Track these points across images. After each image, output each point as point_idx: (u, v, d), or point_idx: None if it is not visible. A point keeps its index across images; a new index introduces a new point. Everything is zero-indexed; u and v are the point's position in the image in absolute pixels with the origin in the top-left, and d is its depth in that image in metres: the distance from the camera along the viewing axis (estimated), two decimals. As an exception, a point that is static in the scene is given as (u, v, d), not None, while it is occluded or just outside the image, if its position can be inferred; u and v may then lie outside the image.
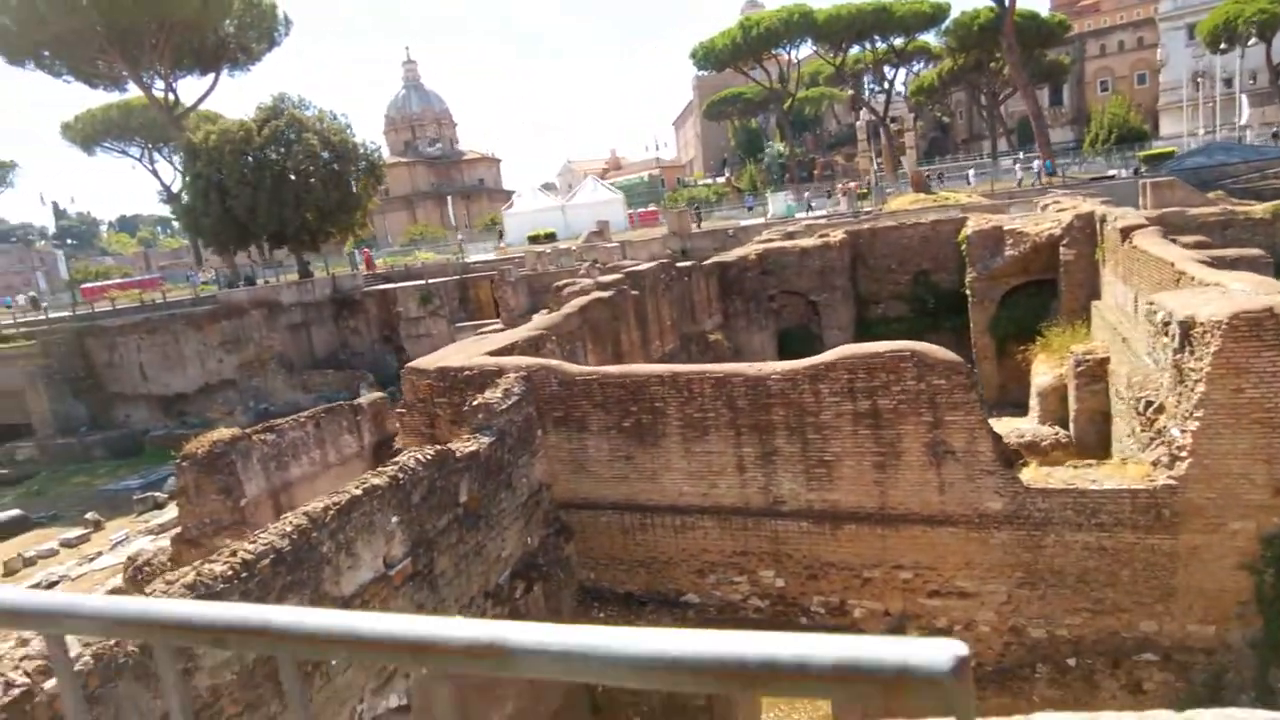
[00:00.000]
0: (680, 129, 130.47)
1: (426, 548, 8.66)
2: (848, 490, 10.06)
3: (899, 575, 10.08)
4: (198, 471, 15.28)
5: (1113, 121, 64.15)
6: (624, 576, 11.39)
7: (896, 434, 9.71)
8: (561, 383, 11.25)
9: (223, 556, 6.41)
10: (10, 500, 29.01)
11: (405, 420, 12.65)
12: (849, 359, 9.76)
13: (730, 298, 23.96)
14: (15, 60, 41.48)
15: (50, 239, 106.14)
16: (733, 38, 62.21)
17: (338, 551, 7.31)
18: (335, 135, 36.69)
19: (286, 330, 35.09)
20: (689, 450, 10.63)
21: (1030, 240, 22.77)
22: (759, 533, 10.53)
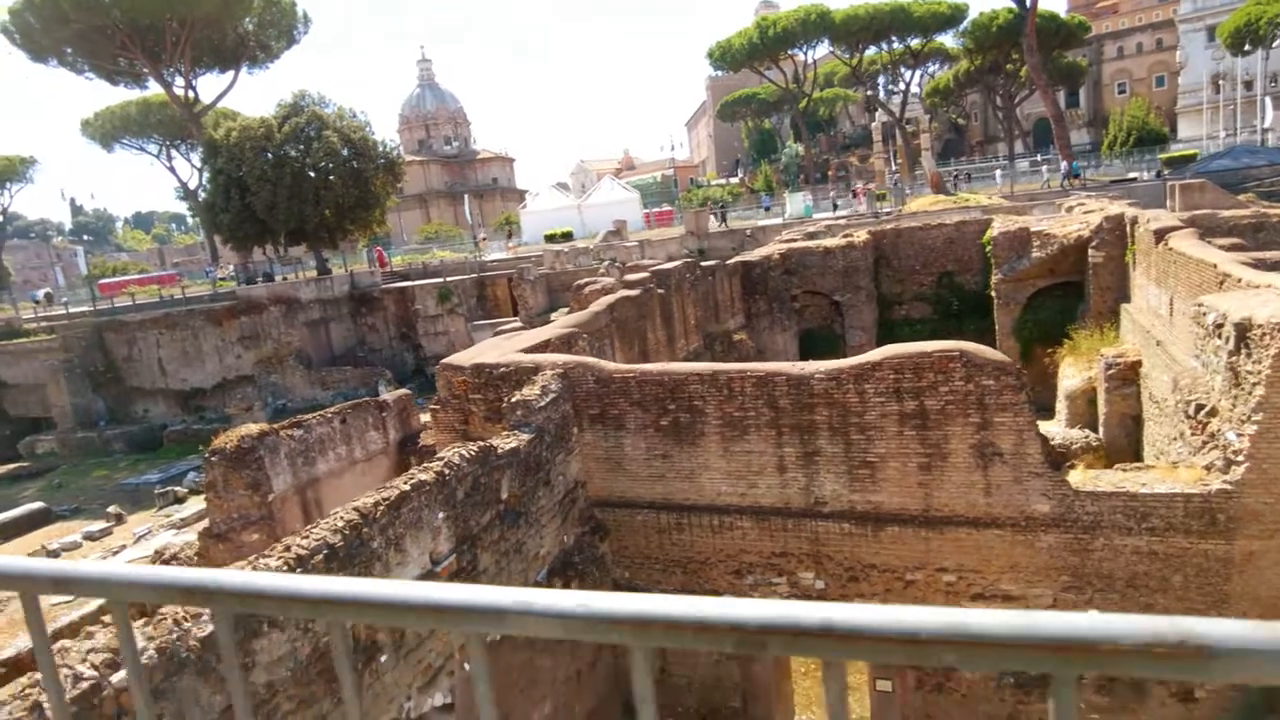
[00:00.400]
0: (693, 129, 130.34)
1: (470, 544, 8.59)
2: (892, 492, 9.93)
3: (942, 578, 9.95)
4: (226, 466, 15.29)
5: (1132, 124, 63.66)
6: (659, 576, 11.29)
7: (943, 435, 9.58)
8: (598, 380, 11.16)
9: (276, 551, 6.35)
10: (32, 493, 29.17)
11: (439, 416, 12.60)
12: (895, 358, 9.63)
13: (753, 297, 23.84)
14: (39, 57, 41.79)
15: (67, 235, 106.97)
16: (749, 38, 62.05)
17: (387, 547, 7.24)
18: (355, 133, 36.76)
19: (305, 327, 35.17)
20: (728, 450, 10.52)
21: (1058, 242, 22.55)
22: (799, 534, 10.42)
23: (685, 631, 0.86)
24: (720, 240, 39.84)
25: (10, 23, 39.83)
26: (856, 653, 0.82)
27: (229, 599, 1.08)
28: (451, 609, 0.96)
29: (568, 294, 35.64)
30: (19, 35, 40.14)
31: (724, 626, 0.85)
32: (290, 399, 34.29)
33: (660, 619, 0.86)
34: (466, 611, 0.95)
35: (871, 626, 0.80)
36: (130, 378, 37.40)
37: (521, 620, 0.93)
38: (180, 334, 36.61)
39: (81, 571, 1.21)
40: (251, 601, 1.08)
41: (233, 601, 1.08)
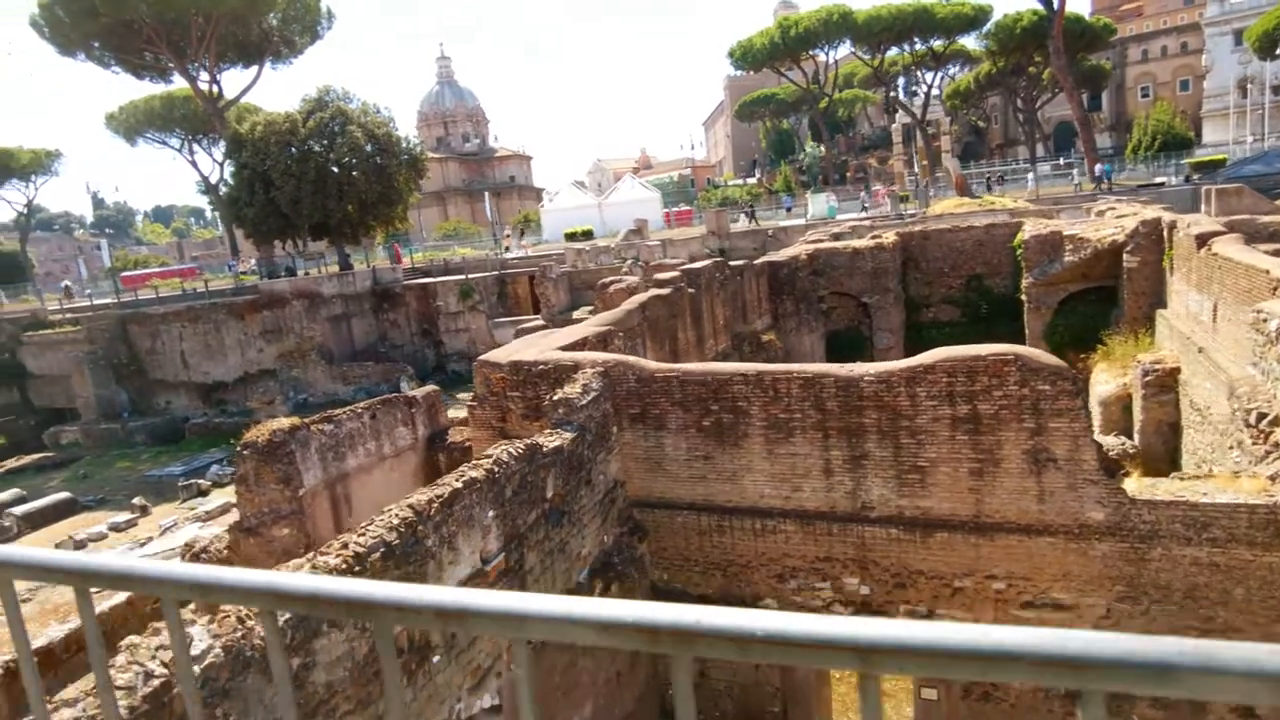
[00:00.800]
0: (710, 129, 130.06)
1: (518, 543, 8.49)
2: (941, 497, 9.75)
3: (991, 585, 9.76)
4: (258, 460, 15.26)
5: (1157, 128, 62.92)
6: (698, 579, 11.16)
7: (996, 440, 9.39)
8: (639, 379, 11.04)
9: (334, 549, 6.26)
10: (58, 483, 29.38)
11: (476, 413, 12.51)
12: (948, 361, 9.45)
13: (780, 298, 23.65)
14: (67, 51, 42.11)
15: (88, 228, 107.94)
16: (771, 37, 61.79)
17: (441, 546, 7.14)
18: (379, 128, 36.82)
19: (327, 322, 35.26)
20: (772, 452, 10.37)
21: (1091, 246, 22.24)
22: (844, 538, 10.25)
23: (725, 644, 0.89)
24: (742, 240, 39.66)
25: (40, 16, 40.14)
26: (886, 666, 0.84)
27: (275, 599, 1.09)
28: (500, 615, 0.99)
29: (590, 292, 35.57)
30: (48, 29, 40.47)
31: (761, 639, 0.87)
32: (311, 393, 34.37)
33: (702, 630, 0.89)
34: (515, 618, 0.98)
35: (897, 641, 0.82)
36: (153, 370, 37.62)
37: (565, 628, 0.96)
38: (203, 327, 36.79)
39: (138, 569, 1.24)
40: (307, 604, 1.09)
41: (294, 604, 1.10)
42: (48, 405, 37.30)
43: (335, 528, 16.55)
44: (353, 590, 1.08)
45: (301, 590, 1.10)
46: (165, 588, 1.22)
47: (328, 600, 1.10)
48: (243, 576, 1.16)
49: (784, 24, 61.41)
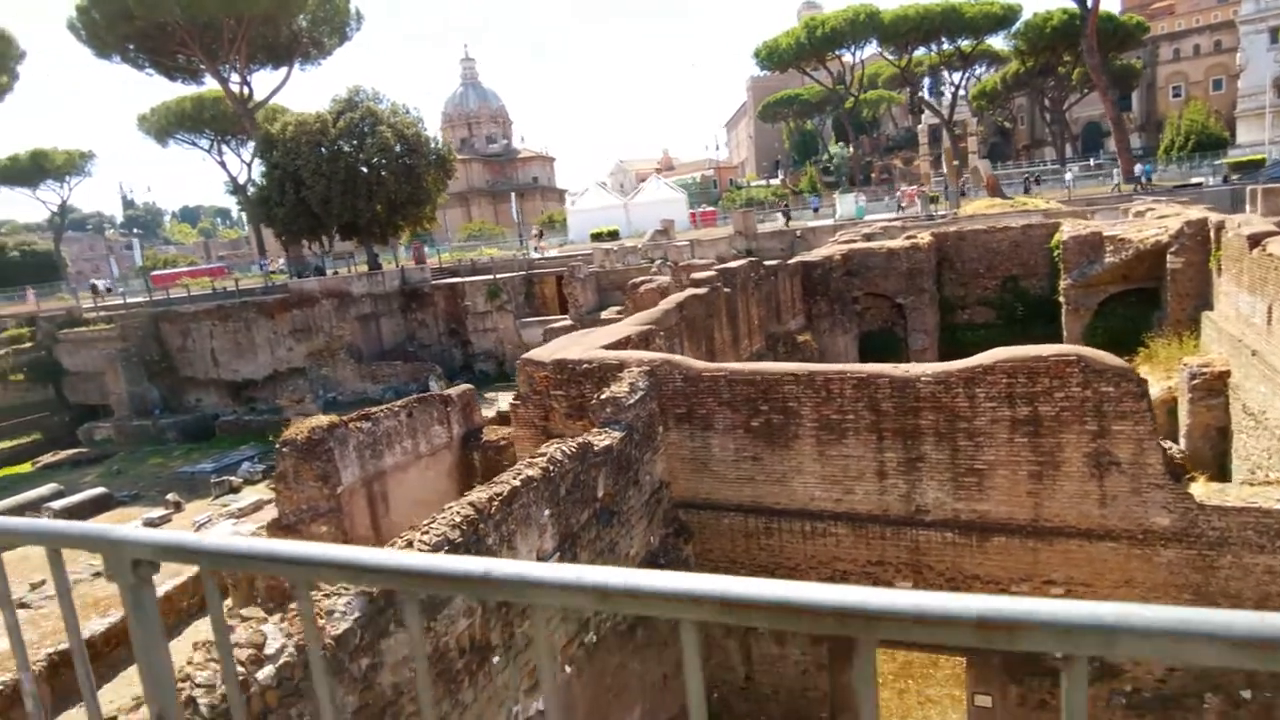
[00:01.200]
0: (733, 130, 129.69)
1: (571, 542, 8.39)
2: (999, 500, 9.54)
3: (1049, 591, 9.52)
4: (297, 457, 15.32)
5: (1191, 128, 61.88)
6: (745, 581, 10.99)
7: (1056, 443, 9.17)
8: (686, 379, 10.91)
9: (399, 547, 6.19)
10: (93, 479, 29.76)
11: (519, 412, 12.44)
12: (1008, 362, 9.24)
13: (814, 298, 23.43)
14: (103, 54, 42.73)
15: (118, 228, 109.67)
16: (797, 37, 61.46)
17: (500, 544, 7.06)
18: (408, 129, 36.98)
19: (356, 321, 35.46)
20: (823, 453, 10.20)
21: (1133, 247, 21.82)
22: (897, 542, 10.07)
23: (728, 609, 0.94)
24: (769, 241, 39.41)
25: (77, 19, 40.78)
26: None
27: (414, 580, 1.08)
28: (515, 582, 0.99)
29: (617, 293, 35.52)
30: (85, 32, 41.09)
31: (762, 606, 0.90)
32: (340, 392, 34.57)
33: (706, 596, 0.95)
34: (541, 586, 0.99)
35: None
36: (184, 368, 38.05)
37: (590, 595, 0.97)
38: (233, 325, 37.15)
39: (276, 550, 1.21)
40: (434, 584, 1.08)
41: (418, 583, 1.09)
42: (82, 402, 37.83)
43: (372, 526, 16.60)
44: (511, 572, 1.03)
45: (443, 570, 1.07)
46: (296, 569, 1.17)
47: (464, 579, 1.06)
48: (380, 557, 1.12)
49: (810, 24, 61.04)
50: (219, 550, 1.25)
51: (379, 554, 1.13)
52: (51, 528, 1.42)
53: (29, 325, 38.27)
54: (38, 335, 37.70)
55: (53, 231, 70.68)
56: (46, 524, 1.42)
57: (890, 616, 0.84)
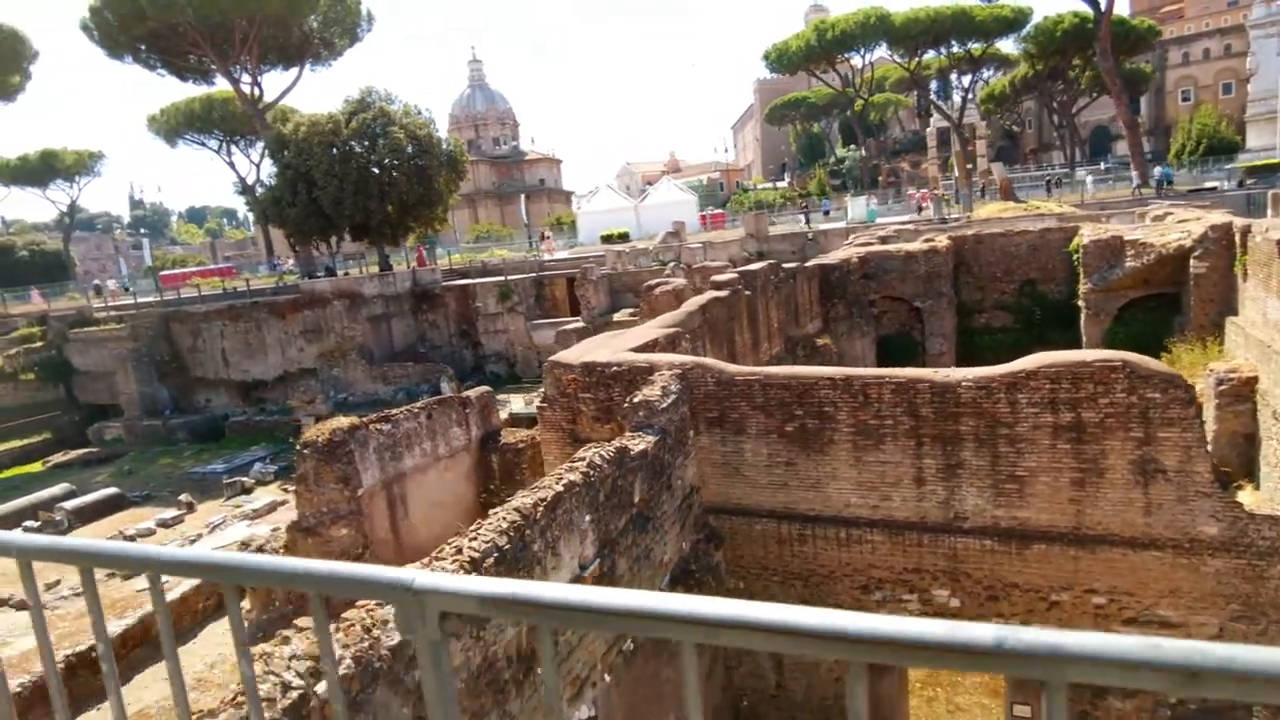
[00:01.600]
0: (739, 132, 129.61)
1: (610, 549, 8.26)
2: (1040, 507, 9.39)
3: (1091, 600, 9.37)
4: (318, 459, 15.21)
5: (1202, 131, 61.68)
6: (777, 589, 10.86)
7: (1100, 449, 9.02)
8: (719, 382, 10.78)
9: (449, 555, 6.06)
10: (104, 479, 29.68)
11: (546, 415, 12.31)
12: (1052, 367, 9.09)
13: (831, 301, 23.28)
14: (115, 54, 42.75)
15: (125, 228, 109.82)
16: (807, 40, 61.38)
17: (546, 551, 6.93)
18: (420, 130, 36.92)
19: (367, 322, 35.39)
20: (860, 459, 10.06)
21: (1155, 251, 21.64)
22: (935, 549, 9.91)
23: (725, 631, 0.94)
24: (780, 243, 39.26)
25: (90, 20, 40.78)
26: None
27: (553, 613, 1.07)
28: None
29: (630, 295, 35.40)
30: (98, 32, 41.09)
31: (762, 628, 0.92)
32: (351, 393, 34.49)
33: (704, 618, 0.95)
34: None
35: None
36: (194, 368, 38.01)
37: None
38: (243, 326, 37.09)
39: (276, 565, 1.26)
40: (567, 616, 1.07)
41: (554, 616, 1.08)
42: (92, 401, 37.79)
43: (391, 529, 16.48)
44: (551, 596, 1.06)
45: (496, 593, 1.08)
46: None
47: (505, 602, 1.09)
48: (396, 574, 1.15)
49: (820, 26, 60.95)
50: (236, 566, 1.28)
51: (514, 585, 1.12)
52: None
53: (40, 324, 38.25)
54: (48, 334, 37.68)
55: (61, 231, 70.74)
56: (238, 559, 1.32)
57: (878, 641, 0.87)
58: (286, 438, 33.91)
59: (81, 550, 1.43)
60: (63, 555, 1.46)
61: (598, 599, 1.04)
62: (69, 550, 1.45)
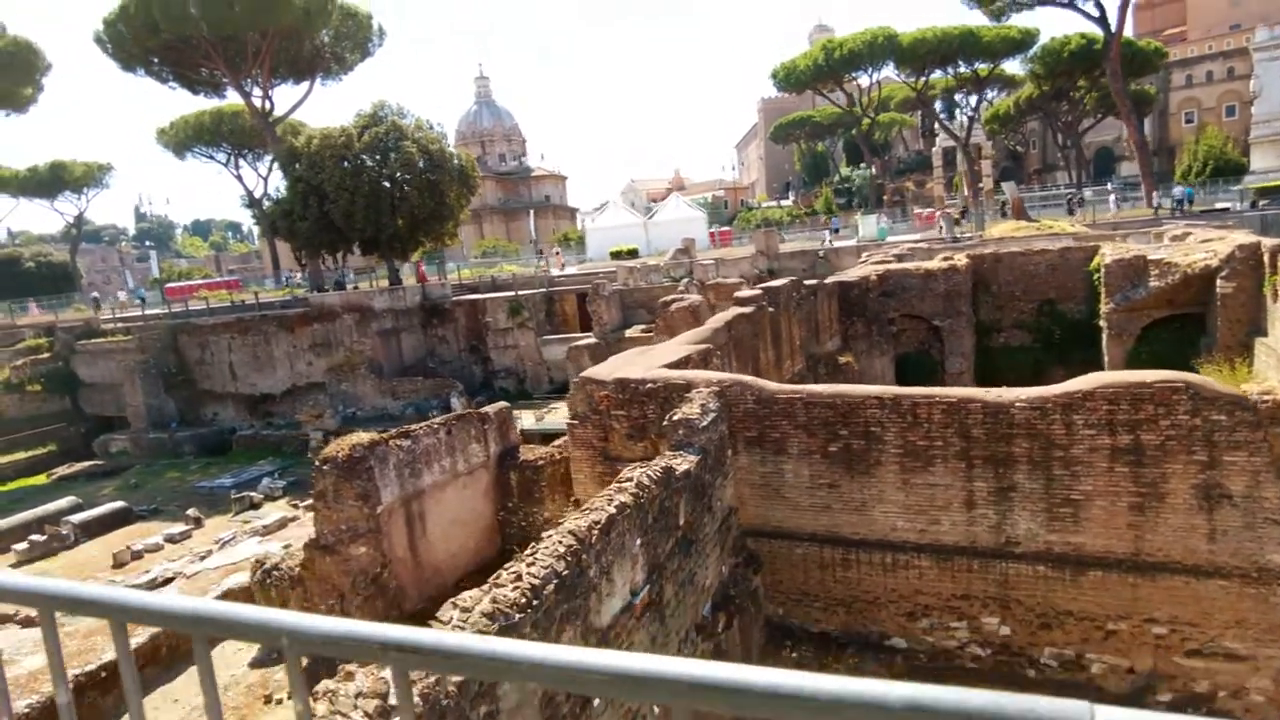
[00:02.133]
0: (743, 151, 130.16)
1: (658, 574, 7.94)
2: (1096, 533, 9.08)
3: (1150, 630, 9.03)
4: (338, 475, 14.89)
5: (1209, 153, 61.87)
6: (819, 615, 10.52)
7: (1160, 473, 8.72)
8: (759, 400, 10.50)
9: (509, 581, 5.75)
10: (110, 492, 29.31)
11: (577, 433, 12.01)
12: (1109, 388, 8.82)
13: (850, 319, 23.04)
14: (128, 67, 42.81)
15: (130, 240, 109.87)
16: (814, 59, 61.61)
17: (600, 576, 6.62)
18: (432, 144, 36.86)
19: (377, 336, 35.12)
20: (908, 482, 9.76)
21: (1180, 271, 21.44)
22: (985, 575, 9.59)
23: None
24: (790, 261, 39.09)
25: (104, 33, 40.86)
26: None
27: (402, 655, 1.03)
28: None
29: (641, 310, 35.18)
30: (111, 45, 41.16)
31: None
32: (360, 407, 34.18)
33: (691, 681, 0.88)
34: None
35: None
36: (201, 381, 37.72)
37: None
38: (252, 339, 36.85)
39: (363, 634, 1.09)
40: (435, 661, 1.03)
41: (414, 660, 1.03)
42: (97, 413, 37.47)
43: (409, 547, 16.13)
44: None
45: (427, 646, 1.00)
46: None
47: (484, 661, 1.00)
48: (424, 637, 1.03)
49: (828, 46, 61.20)
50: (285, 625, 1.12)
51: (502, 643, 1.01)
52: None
53: (47, 335, 38.00)
54: (56, 346, 37.42)
55: (68, 243, 70.66)
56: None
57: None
58: (294, 452, 33.58)
59: (41, 592, 1.29)
60: (19, 597, 1.32)
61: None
62: (27, 591, 1.31)
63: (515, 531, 18.41)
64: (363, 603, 14.96)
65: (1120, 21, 43.70)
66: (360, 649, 1.05)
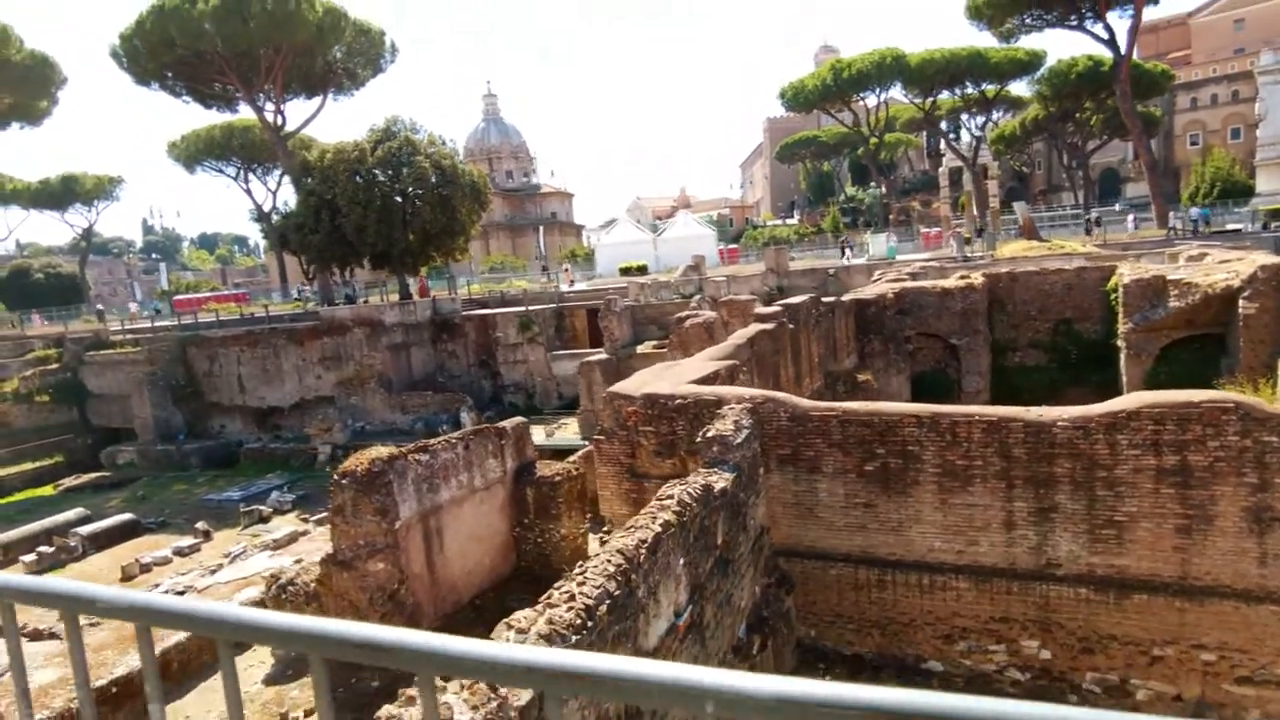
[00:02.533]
0: (747, 170, 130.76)
1: (699, 594, 7.76)
2: (1141, 555, 8.90)
3: (1199, 656, 8.83)
4: (356, 490, 14.72)
5: (1216, 175, 62.01)
6: (852, 637, 10.31)
7: (1209, 495, 8.55)
8: (792, 418, 10.35)
9: (561, 601, 5.59)
10: (117, 504, 29.10)
11: (603, 448, 11.86)
12: (1155, 408, 8.67)
13: (866, 337, 22.93)
14: (142, 81, 43.09)
15: (136, 253, 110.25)
16: (823, 79, 61.98)
17: (648, 597, 6.45)
18: (445, 160, 36.97)
19: (387, 350, 35.04)
20: (945, 501, 9.59)
21: (1200, 291, 21.34)
22: (1025, 597, 9.40)
23: None
24: (801, 279, 39.05)
25: (120, 47, 41.17)
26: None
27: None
28: None
29: (652, 326, 35.11)
30: (126, 60, 41.45)
31: None
32: (369, 421, 34.03)
33: None
34: None
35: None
36: (209, 393, 37.60)
37: None
38: (261, 352, 36.78)
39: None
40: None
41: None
42: (105, 424, 37.34)
43: (426, 563, 15.92)
44: None
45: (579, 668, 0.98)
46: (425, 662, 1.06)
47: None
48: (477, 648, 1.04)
49: (837, 66, 61.59)
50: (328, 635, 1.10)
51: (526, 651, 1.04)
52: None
53: (56, 346, 37.96)
54: (65, 357, 37.36)
55: (77, 255, 70.85)
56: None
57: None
58: (302, 466, 33.38)
59: (65, 594, 1.30)
60: (46, 599, 1.33)
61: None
62: (51, 594, 1.32)
63: (531, 548, 18.20)
64: (379, 620, 14.73)
65: (1130, 44, 43.93)
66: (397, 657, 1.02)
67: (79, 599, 1.27)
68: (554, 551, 17.89)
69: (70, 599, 1.28)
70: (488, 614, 17.11)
